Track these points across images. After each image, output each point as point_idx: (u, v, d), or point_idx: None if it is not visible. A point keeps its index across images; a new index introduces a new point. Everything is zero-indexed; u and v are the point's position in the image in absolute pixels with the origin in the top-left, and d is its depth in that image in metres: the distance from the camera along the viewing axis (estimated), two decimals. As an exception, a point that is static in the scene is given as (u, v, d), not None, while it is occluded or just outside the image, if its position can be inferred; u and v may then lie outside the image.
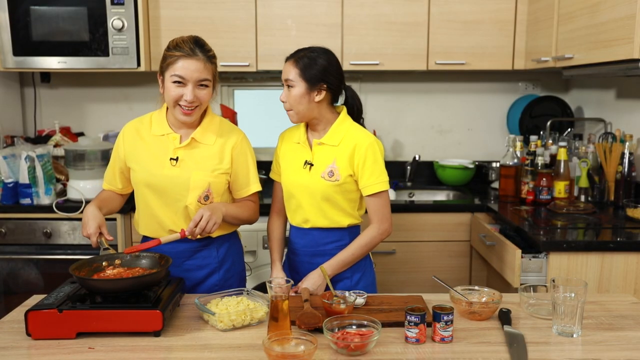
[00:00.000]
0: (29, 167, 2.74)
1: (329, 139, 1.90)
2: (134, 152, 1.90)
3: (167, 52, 1.81)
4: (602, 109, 3.13)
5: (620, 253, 2.18)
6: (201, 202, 1.86)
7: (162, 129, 1.89)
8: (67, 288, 1.61)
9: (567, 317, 1.49)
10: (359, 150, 1.86)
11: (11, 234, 2.77)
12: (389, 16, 3.00)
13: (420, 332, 1.44)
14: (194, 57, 1.78)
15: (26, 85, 3.39)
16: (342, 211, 1.91)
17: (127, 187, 2.00)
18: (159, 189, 1.86)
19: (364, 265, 1.97)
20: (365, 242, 1.91)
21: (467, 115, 3.53)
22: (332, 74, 1.87)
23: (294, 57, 1.88)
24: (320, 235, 1.93)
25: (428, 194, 3.36)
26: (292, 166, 1.95)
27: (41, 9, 2.85)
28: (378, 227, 1.90)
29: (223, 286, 1.94)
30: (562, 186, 2.75)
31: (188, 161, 1.85)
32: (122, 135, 1.94)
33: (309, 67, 1.84)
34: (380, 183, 1.87)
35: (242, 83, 3.46)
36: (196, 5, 2.96)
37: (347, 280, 1.92)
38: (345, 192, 1.89)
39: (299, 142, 1.95)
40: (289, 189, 1.96)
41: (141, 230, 1.95)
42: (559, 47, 2.68)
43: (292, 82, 1.85)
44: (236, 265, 2.03)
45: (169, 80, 1.78)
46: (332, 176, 1.87)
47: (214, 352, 1.42)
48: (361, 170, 1.87)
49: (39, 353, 1.42)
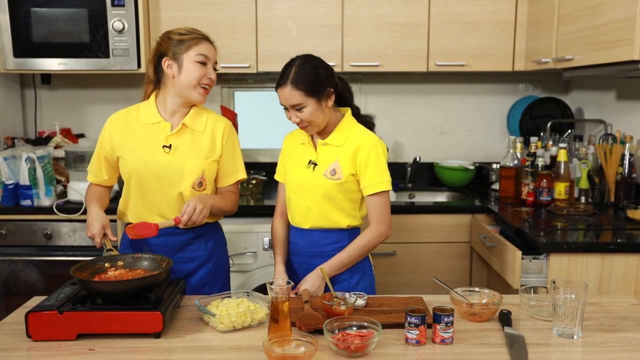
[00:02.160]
0: (30, 169, 2.74)
1: (333, 140, 1.91)
2: (122, 142, 1.93)
3: (183, 36, 1.88)
4: (602, 110, 3.13)
5: (621, 254, 2.18)
6: (195, 188, 1.90)
7: (152, 117, 1.92)
8: (68, 289, 1.61)
9: (567, 318, 1.49)
10: (362, 150, 1.86)
11: (11, 235, 2.77)
12: (389, 17, 3.00)
13: (420, 333, 1.44)
14: (209, 41, 1.92)
15: (27, 86, 3.40)
16: (343, 211, 1.91)
17: (112, 179, 2.03)
18: (153, 177, 1.89)
19: (363, 267, 1.97)
20: (363, 244, 1.90)
21: (468, 117, 3.53)
22: (327, 76, 1.86)
23: (287, 80, 1.80)
24: (320, 236, 1.93)
25: (428, 195, 3.36)
26: (296, 166, 1.96)
27: (42, 10, 2.85)
28: (376, 229, 1.90)
29: (212, 278, 2.01)
30: (563, 187, 2.75)
31: (182, 148, 1.89)
32: (109, 126, 1.96)
33: (309, 82, 1.80)
34: (381, 183, 1.87)
35: (243, 84, 3.46)
36: (196, 6, 2.96)
37: (345, 282, 1.92)
38: (346, 191, 1.89)
39: (303, 143, 1.96)
40: (291, 188, 1.97)
41: (129, 218, 1.97)
42: (559, 48, 2.68)
43: (301, 105, 1.81)
44: (223, 257, 2.09)
45: (192, 61, 1.86)
46: (335, 175, 1.88)
47: (214, 353, 1.42)
48: (363, 170, 1.87)
49: (39, 354, 1.42)
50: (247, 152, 3.06)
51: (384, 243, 2.86)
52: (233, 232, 2.71)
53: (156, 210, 1.92)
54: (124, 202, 1.98)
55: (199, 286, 1.99)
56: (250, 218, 2.77)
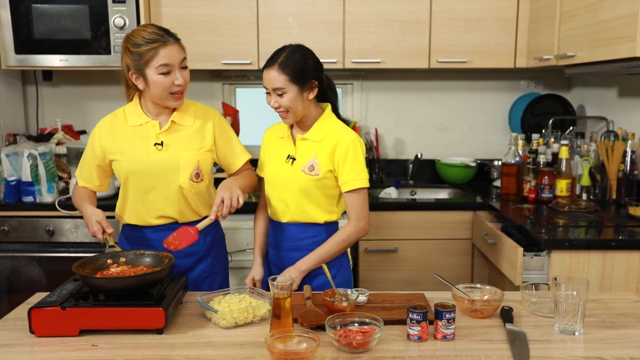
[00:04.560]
0: (32, 165, 2.74)
1: (312, 135, 1.92)
2: (113, 145, 1.92)
3: (138, 49, 1.79)
4: (604, 107, 3.13)
5: (622, 251, 2.18)
6: (193, 180, 1.90)
7: (139, 119, 1.92)
8: (70, 286, 1.61)
9: (568, 315, 1.50)
10: (340, 146, 1.88)
11: (14, 231, 2.77)
12: (390, 14, 2.99)
13: (422, 329, 1.44)
14: (168, 42, 1.81)
15: (28, 83, 3.40)
16: (319, 207, 1.93)
17: (103, 185, 2.01)
18: (149, 174, 1.88)
19: (340, 262, 1.99)
20: (342, 238, 1.92)
21: (469, 114, 3.52)
22: (315, 68, 1.87)
23: (274, 63, 1.82)
24: (297, 230, 1.95)
25: (430, 192, 3.36)
26: (274, 160, 1.97)
27: (43, 7, 2.85)
28: (355, 224, 1.91)
29: (211, 273, 2.02)
30: (564, 184, 2.75)
31: (173, 144, 1.89)
32: (98, 131, 1.96)
33: (295, 69, 1.82)
34: (359, 180, 1.89)
35: (244, 81, 3.46)
36: (198, 3, 2.96)
37: (322, 277, 1.93)
38: (324, 187, 1.91)
39: (282, 137, 1.98)
40: (270, 182, 1.98)
41: (127, 219, 1.97)
42: (561, 45, 2.67)
43: (282, 90, 1.82)
44: (222, 252, 2.10)
45: (155, 73, 1.80)
46: (312, 170, 1.89)
47: (216, 349, 1.42)
48: (341, 167, 1.88)
49: (43, 350, 1.42)
50: (249, 149, 3.03)
51: (386, 239, 2.85)
52: (234, 229, 2.72)
53: (154, 209, 1.92)
54: (121, 204, 1.97)
55: (199, 281, 2.00)
56: (252, 215, 2.75)
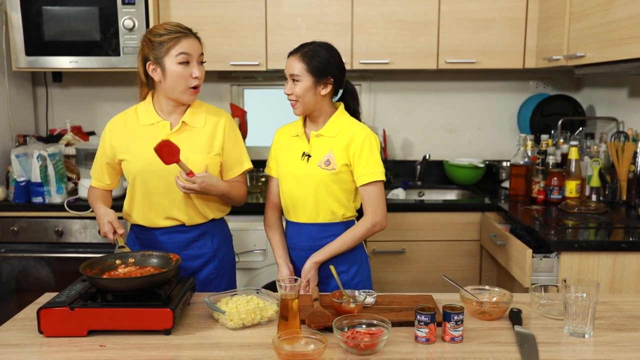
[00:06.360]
0: (41, 166, 2.76)
1: (326, 131, 1.93)
2: (124, 144, 1.93)
3: (162, 37, 1.82)
4: (614, 108, 3.10)
5: (633, 253, 2.16)
6: None
7: (150, 118, 1.92)
8: (79, 286, 1.62)
9: (578, 317, 1.48)
10: (355, 141, 1.89)
11: (23, 232, 2.79)
12: (399, 15, 2.99)
13: (430, 331, 1.44)
14: (189, 35, 1.86)
15: (38, 84, 3.42)
16: (338, 201, 1.93)
17: (114, 183, 2.04)
18: (157, 176, 1.89)
19: (360, 259, 2.00)
20: (357, 231, 1.93)
21: (478, 114, 3.51)
22: (336, 67, 1.91)
23: (298, 52, 1.90)
24: (317, 230, 1.95)
25: (438, 193, 3.35)
26: (289, 158, 1.98)
27: (53, 9, 2.87)
28: (372, 218, 1.92)
29: (218, 274, 2.02)
30: (574, 185, 2.73)
31: (182, 146, 1.88)
32: (109, 130, 1.97)
33: (315, 62, 1.87)
34: (375, 173, 1.90)
35: (252, 82, 3.47)
36: (206, 4, 2.97)
37: (343, 275, 1.93)
38: (340, 181, 1.91)
39: (296, 135, 1.98)
40: (286, 180, 1.98)
41: (135, 219, 1.98)
42: (570, 45, 2.66)
43: (298, 77, 1.87)
44: (229, 254, 2.10)
45: (174, 62, 1.82)
46: (329, 165, 1.90)
47: (224, 350, 1.42)
48: (357, 161, 1.89)
49: (51, 350, 1.43)
50: (257, 150, 3.06)
51: (394, 241, 2.85)
52: (242, 230, 2.72)
53: (162, 211, 1.93)
54: (129, 203, 1.98)
55: (206, 283, 2.00)
56: (259, 215, 2.75)
